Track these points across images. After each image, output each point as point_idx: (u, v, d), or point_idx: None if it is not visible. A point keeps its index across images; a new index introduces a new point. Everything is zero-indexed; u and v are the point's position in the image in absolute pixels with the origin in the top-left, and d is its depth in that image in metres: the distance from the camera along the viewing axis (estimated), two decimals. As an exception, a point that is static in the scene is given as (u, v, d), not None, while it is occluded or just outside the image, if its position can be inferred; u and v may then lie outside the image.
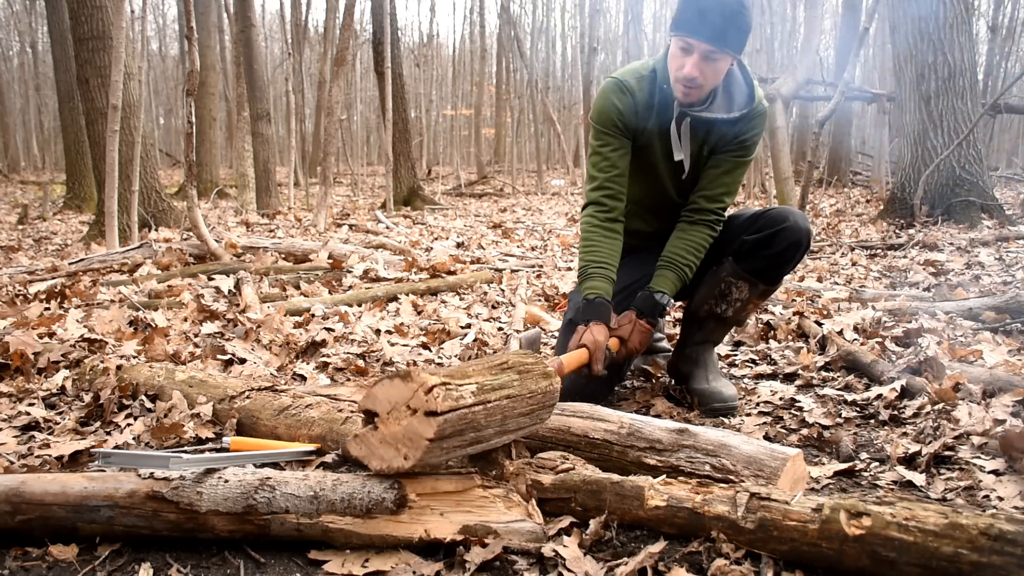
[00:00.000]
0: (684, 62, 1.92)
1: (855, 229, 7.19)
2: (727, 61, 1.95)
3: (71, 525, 1.37)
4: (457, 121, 30.77)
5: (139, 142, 6.19)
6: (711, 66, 1.92)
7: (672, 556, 1.28)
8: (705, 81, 1.95)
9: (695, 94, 1.98)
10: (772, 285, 2.18)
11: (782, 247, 2.07)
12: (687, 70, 1.92)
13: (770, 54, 14.91)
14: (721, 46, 1.89)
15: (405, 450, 1.31)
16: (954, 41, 6.83)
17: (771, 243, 2.08)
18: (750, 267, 2.13)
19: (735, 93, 2.06)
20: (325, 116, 9.23)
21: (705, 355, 2.27)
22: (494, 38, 28.86)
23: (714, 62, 1.91)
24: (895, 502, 1.17)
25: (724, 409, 2.12)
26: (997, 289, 3.79)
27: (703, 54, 1.89)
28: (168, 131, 32.21)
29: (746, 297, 2.17)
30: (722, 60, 1.93)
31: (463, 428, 1.31)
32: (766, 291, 2.19)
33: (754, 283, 2.15)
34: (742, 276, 2.14)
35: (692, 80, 1.93)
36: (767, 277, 2.14)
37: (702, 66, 1.91)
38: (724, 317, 2.22)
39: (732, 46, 1.91)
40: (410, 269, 4.79)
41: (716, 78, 1.97)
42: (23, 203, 11.31)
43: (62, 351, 2.60)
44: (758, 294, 2.18)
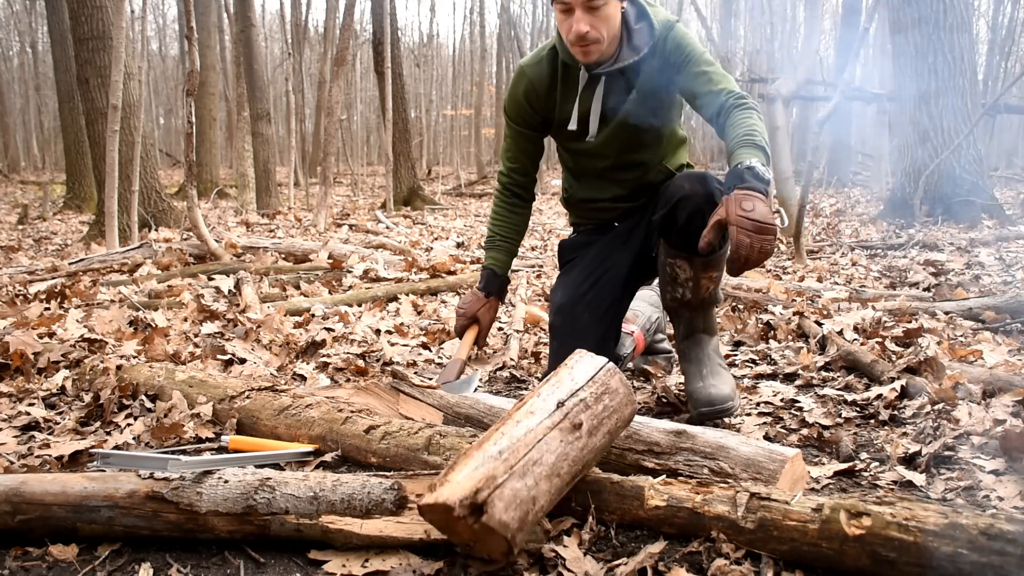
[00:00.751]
0: (570, 23, 1.86)
1: (855, 229, 7.19)
2: (614, 6, 1.87)
3: (71, 525, 1.37)
4: (457, 121, 30.78)
5: (139, 142, 6.19)
6: (597, 15, 1.84)
7: (672, 556, 1.28)
8: (599, 32, 1.87)
9: (595, 48, 1.90)
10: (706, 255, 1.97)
11: (684, 219, 1.92)
12: (576, 27, 1.84)
13: (770, 54, 14.91)
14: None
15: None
16: (954, 41, 6.83)
17: (675, 217, 1.95)
18: (675, 244, 2.00)
19: (636, 36, 1.96)
20: (325, 116, 9.23)
21: (696, 350, 2.11)
22: (494, 38, 28.86)
23: (598, 10, 1.83)
24: (895, 502, 1.17)
25: (712, 414, 1.96)
26: (997, 289, 3.79)
27: (583, 6, 1.82)
28: (168, 131, 32.21)
29: (692, 275, 2.03)
30: (607, 5, 1.84)
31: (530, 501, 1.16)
32: (706, 263, 2.01)
33: (689, 258, 2.00)
34: (675, 255, 2.02)
35: (584, 36, 1.85)
36: (692, 249, 1.96)
37: (588, 19, 1.83)
38: (687, 301, 2.07)
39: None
40: (410, 269, 4.79)
41: (610, 25, 1.88)
42: (23, 203, 11.32)
43: (62, 351, 2.60)
44: (701, 268, 2.02)
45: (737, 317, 3.31)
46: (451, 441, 1.61)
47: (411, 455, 1.63)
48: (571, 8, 1.85)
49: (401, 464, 1.65)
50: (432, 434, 1.65)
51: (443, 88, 32.52)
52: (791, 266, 5.03)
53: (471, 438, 1.61)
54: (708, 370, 2.06)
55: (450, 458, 1.58)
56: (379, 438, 1.70)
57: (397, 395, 1.97)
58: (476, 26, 29.62)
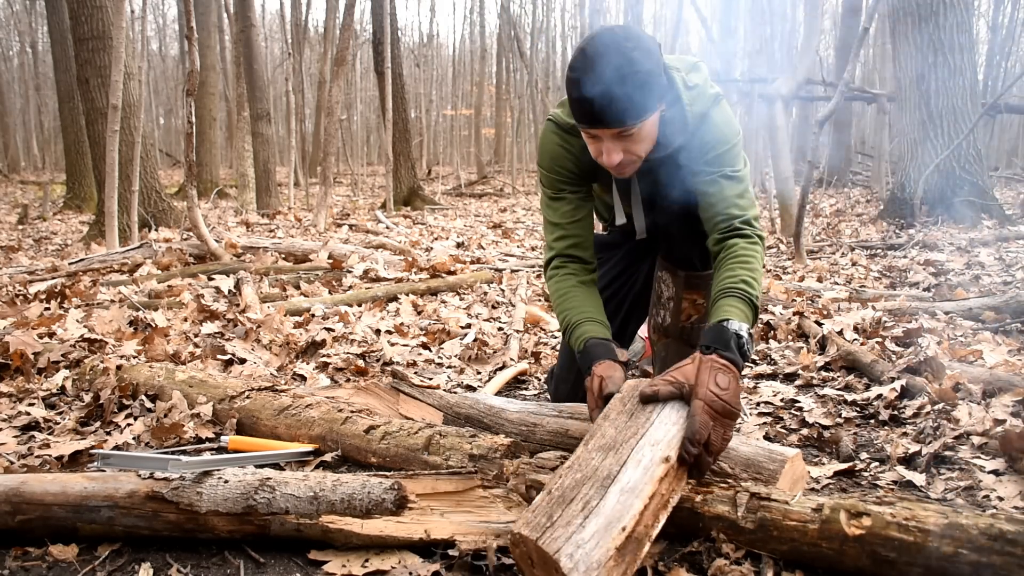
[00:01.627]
0: (600, 150, 1.60)
1: (855, 229, 7.19)
2: (653, 121, 1.58)
3: (71, 525, 1.37)
4: (457, 121, 30.78)
5: (139, 142, 6.19)
6: (632, 140, 1.57)
7: (672, 556, 1.28)
8: (635, 156, 1.61)
9: (631, 168, 1.64)
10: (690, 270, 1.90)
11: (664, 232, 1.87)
12: (608, 159, 1.59)
13: (770, 54, 14.89)
14: (625, 123, 1.52)
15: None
16: (954, 41, 6.83)
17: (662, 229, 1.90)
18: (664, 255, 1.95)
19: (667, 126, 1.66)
20: (325, 116, 9.23)
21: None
22: (494, 38, 28.86)
23: (631, 136, 1.56)
24: (895, 502, 1.17)
25: None
26: (997, 289, 3.79)
27: (613, 139, 1.56)
28: (168, 131, 32.21)
29: (674, 293, 1.94)
30: (642, 128, 1.55)
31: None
32: (689, 280, 1.90)
33: (673, 271, 1.93)
34: (663, 267, 1.97)
35: (619, 165, 1.60)
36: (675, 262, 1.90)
37: (623, 145, 1.57)
38: (666, 327, 1.97)
39: (640, 112, 1.51)
40: (410, 269, 4.79)
41: (649, 143, 1.61)
42: (23, 203, 11.32)
43: (62, 351, 2.60)
44: (683, 286, 1.91)
45: (737, 317, 3.31)
46: (451, 441, 1.61)
47: (411, 455, 1.63)
48: (599, 137, 1.58)
49: (401, 464, 1.65)
50: (432, 434, 1.65)
51: (443, 88, 32.51)
52: (791, 266, 5.03)
53: (471, 438, 1.61)
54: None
55: (450, 458, 1.58)
56: (379, 438, 1.70)
57: (397, 395, 1.97)
58: (476, 26, 29.65)
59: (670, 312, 1.96)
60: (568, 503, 1.14)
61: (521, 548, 1.12)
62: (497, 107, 27.61)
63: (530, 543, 1.08)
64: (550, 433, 1.68)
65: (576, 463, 1.23)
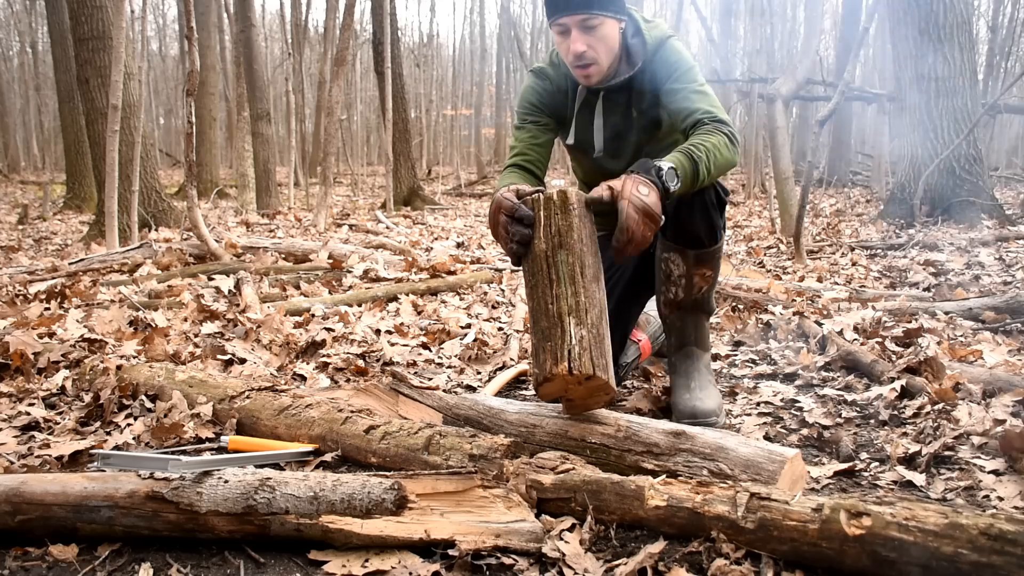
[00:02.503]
0: (567, 44, 1.85)
1: (855, 229, 7.19)
2: (611, 25, 1.86)
3: (71, 525, 1.37)
4: (457, 121, 30.78)
5: (139, 142, 6.19)
6: (594, 36, 1.84)
7: (672, 556, 1.28)
8: (597, 53, 1.87)
9: (595, 71, 1.90)
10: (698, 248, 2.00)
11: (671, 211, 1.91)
12: (573, 48, 1.84)
13: (770, 54, 14.90)
14: (590, 8, 1.80)
15: (600, 396, 1.62)
16: (954, 41, 6.83)
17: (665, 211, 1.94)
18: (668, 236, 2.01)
19: (632, 53, 1.96)
20: (325, 116, 9.23)
21: (687, 363, 2.12)
22: (494, 38, 28.88)
23: (594, 29, 1.83)
24: (895, 502, 1.17)
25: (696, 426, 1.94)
26: (997, 289, 3.79)
27: (579, 25, 1.82)
28: (168, 131, 32.20)
29: (684, 271, 2.03)
30: (604, 24, 1.84)
31: (602, 341, 1.60)
32: (699, 257, 2.01)
33: (682, 251, 2.01)
34: (669, 248, 2.03)
35: (582, 55, 1.85)
36: (683, 239, 1.98)
37: (586, 39, 1.83)
38: (680, 301, 2.08)
39: (603, 4, 1.81)
40: (410, 269, 4.79)
41: (608, 46, 1.88)
42: (23, 203, 11.31)
43: (62, 351, 2.60)
44: (693, 263, 2.01)
45: (737, 317, 3.31)
46: (451, 441, 1.61)
47: (411, 455, 1.64)
48: (567, 29, 1.84)
49: (401, 464, 1.65)
50: (432, 434, 1.65)
51: (443, 88, 32.50)
52: (791, 266, 5.04)
53: (471, 438, 1.61)
54: (696, 384, 2.06)
55: (450, 458, 1.58)
56: (379, 438, 1.70)
57: (396, 396, 1.97)
58: (476, 26, 29.66)
59: (682, 288, 2.06)
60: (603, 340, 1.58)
61: (557, 383, 1.56)
62: (497, 107, 27.62)
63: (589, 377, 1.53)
64: (549, 434, 1.68)
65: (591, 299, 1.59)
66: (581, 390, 1.58)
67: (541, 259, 1.60)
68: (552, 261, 1.59)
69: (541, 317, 1.59)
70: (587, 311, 1.56)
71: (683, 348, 2.15)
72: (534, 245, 1.61)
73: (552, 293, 1.58)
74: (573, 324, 1.55)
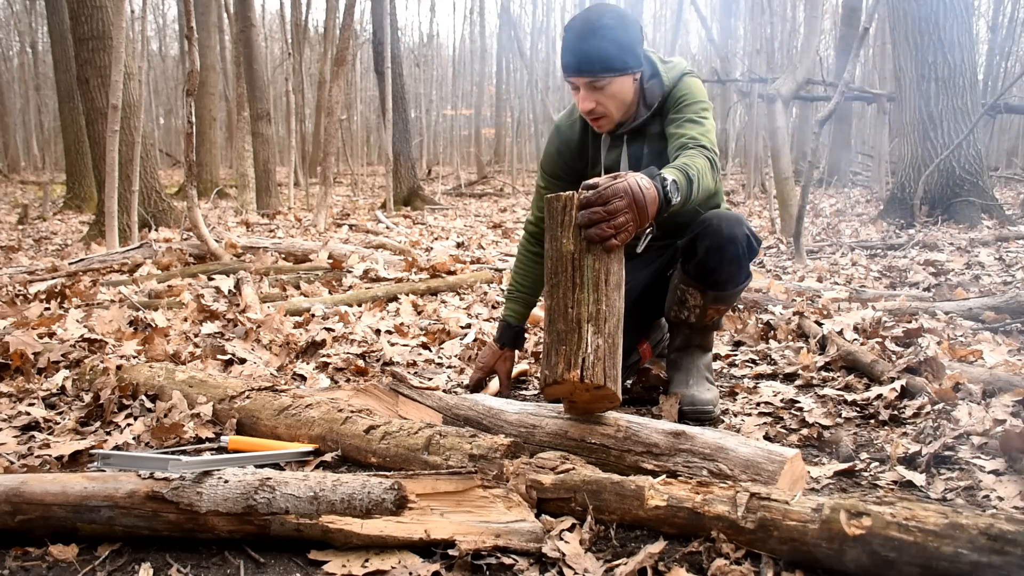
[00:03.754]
0: (579, 99, 1.94)
1: (855, 229, 7.19)
2: (620, 82, 1.91)
3: (71, 525, 1.37)
4: (457, 121, 30.78)
5: (139, 142, 6.19)
6: (603, 94, 1.91)
7: (672, 556, 1.28)
8: (607, 109, 1.94)
9: (605, 123, 1.99)
10: (718, 290, 2.03)
11: (703, 252, 1.96)
12: (582, 105, 1.93)
13: (770, 54, 14.90)
14: (596, 73, 1.87)
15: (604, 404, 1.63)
16: (954, 41, 6.83)
17: (695, 248, 1.99)
18: (689, 272, 2.04)
19: (648, 95, 2.02)
20: (325, 116, 9.23)
21: (687, 360, 2.17)
22: (494, 38, 28.88)
23: (603, 89, 1.90)
24: (895, 502, 1.17)
25: (693, 414, 2.01)
26: (997, 289, 3.79)
27: (587, 86, 1.90)
28: (168, 131, 32.19)
29: (701, 304, 2.07)
30: (611, 84, 1.90)
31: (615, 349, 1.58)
32: (717, 297, 2.05)
33: (702, 290, 2.05)
34: (689, 283, 2.06)
35: (591, 112, 1.94)
36: (706, 282, 2.02)
37: (594, 97, 1.91)
38: (690, 323, 2.14)
39: (612, 67, 1.87)
40: (410, 269, 4.79)
41: (618, 100, 1.94)
42: (23, 203, 11.32)
43: (62, 351, 2.60)
44: (711, 300, 2.06)
45: (737, 317, 3.31)
46: (451, 441, 1.61)
47: (411, 455, 1.64)
48: (578, 86, 1.92)
49: (401, 464, 1.65)
50: (432, 434, 1.65)
51: (443, 88, 32.51)
52: (791, 266, 5.04)
53: (471, 438, 1.61)
54: (695, 380, 2.13)
55: (450, 458, 1.58)
56: (379, 438, 1.70)
57: (396, 397, 1.97)
58: (476, 26, 29.65)
59: (694, 315, 2.11)
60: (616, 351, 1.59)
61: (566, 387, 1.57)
62: (497, 107, 27.61)
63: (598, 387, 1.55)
64: (549, 435, 1.68)
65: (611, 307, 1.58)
66: (587, 396, 1.59)
67: (567, 261, 1.56)
68: (578, 264, 1.55)
69: (559, 319, 1.57)
70: (606, 320, 1.55)
71: (686, 348, 2.19)
72: (561, 245, 1.56)
73: (574, 298, 1.55)
74: (591, 332, 1.53)
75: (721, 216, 1.96)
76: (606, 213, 1.49)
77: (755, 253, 2.02)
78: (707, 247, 1.95)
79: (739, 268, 1.99)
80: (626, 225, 1.51)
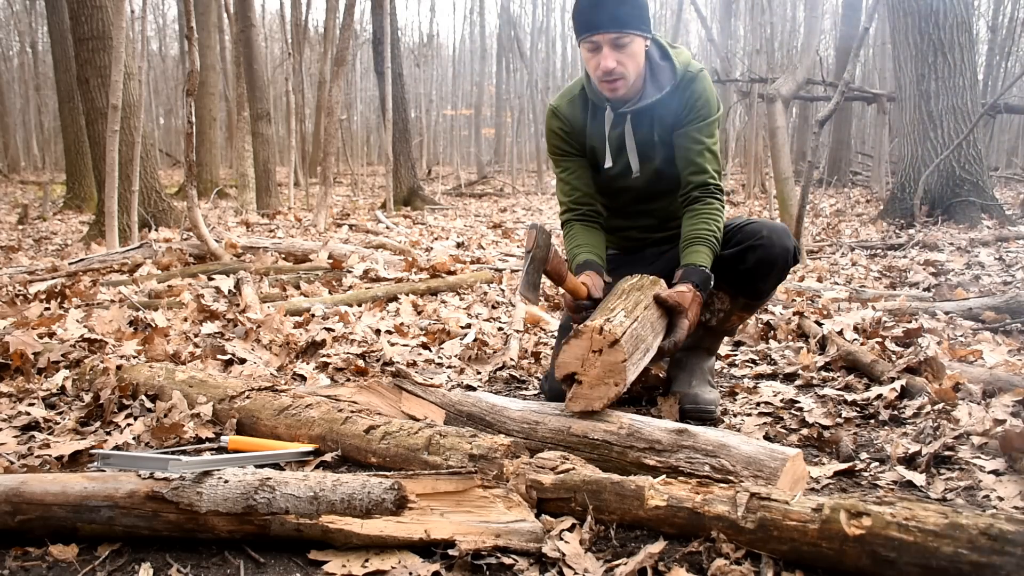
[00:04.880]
0: (598, 60, 1.92)
1: (855, 229, 7.19)
2: (639, 43, 1.93)
3: (71, 525, 1.37)
4: (457, 121, 30.78)
5: (139, 142, 6.19)
6: (624, 52, 1.91)
7: (672, 556, 1.28)
8: (626, 69, 1.93)
9: (622, 85, 1.96)
10: (753, 299, 2.11)
11: (752, 263, 2.00)
12: (604, 65, 1.90)
13: (770, 54, 14.89)
14: (623, 27, 1.88)
15: (611, 380, 1.64)
16: (954, 41, 6.83)
17: (744, 258, 2.01)
18: (727, 280, 2.06)
19: (659, 75, 2.03)
20: (325, 116, 9.23)
21: (692, 361, 2.19)
22: (494, 38, 28.87)
23: (625, 47, 1.90)
24: (895, 502, 1.17)
25: (695, 412, 2.03)
26: (997, 289, 3.79)
27: (611, 43, 1.89)
28: (168, 131, 32.18)
29: (728, 308, 2.12)
30: (633, 43, 1.91)
31: (636, 342, 1.68)
32: (748, 304, 2.12)
33: (734, 296, 2.09)
34: (721, 288, 2.08)
35: (611, 72, 1.92)
36: (745, 291, 2.08)
37: (616, 55, 1.90)
38: (709, 326, 2.16)
39: (634, 24, 1.89)
40: (410, 269, 4.78)
41: (636, 62, 1.95)
42: (23, 203, 11.31)
43: (62, 351, 2.60)
44: (740, 307, 2.12)
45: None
46: (451, 441, 1.61)
47: (411, 455, 1.64)
48: (599, 46, 1.90)
49: (401, 464, 1.65)
50: (432, 434, 1.65)
51: (443, 88, 32.51)
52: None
53: (471, 438, 1.61)
54: (697, 380, 2.14)
55: (450, 458, 1.58)
56: (379, 438, 1.70)
57: (400, 393, 1.97)
58: (476, 26, 29.65)
59: (717, 319, 2.15)
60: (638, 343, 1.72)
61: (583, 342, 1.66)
62: (497, 107, 27.60)
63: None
64: (552, 431, 1.68)
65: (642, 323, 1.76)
66: (598, 364, 1.65)
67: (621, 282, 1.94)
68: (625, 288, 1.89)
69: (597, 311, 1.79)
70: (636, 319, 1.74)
71: (691, 349, 2.21)
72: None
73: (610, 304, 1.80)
74: (622, 313, 1.72)
75: (772, 228, 2.01)
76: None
77: (792, 264, 2.06)
78: (759, 258, 1.99)
79: (780, 280, 2.08)
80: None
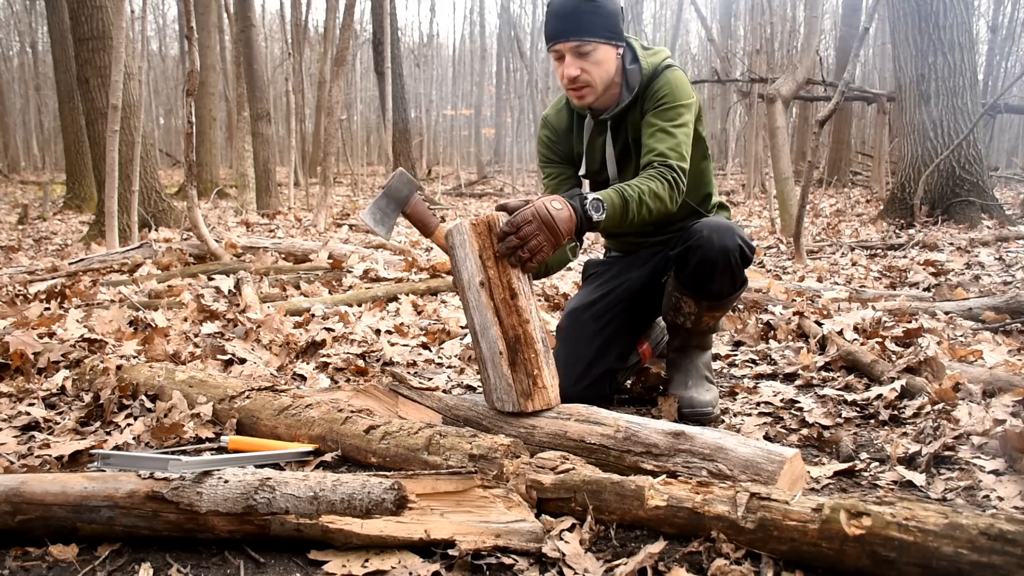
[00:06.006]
0: (563, 69, 1.92)
1: (855, 229, 7.19)
2: (605, 51, 1.91)
3: (71, 525, 1.37)
4: (457, 121, 30.79)
5: (139, 142, 6.19)
6: (588, 61, 1.89)
7: (672, 556, 1.28)
8: (591, 76, 1.92)
9: (588, 92, 1.95)
10: (714, 300, 2.03)
11: (694, 264, 1.96)
12: (567, 72, 1.90)
13: (770, 54, 14.90)
14: (584, 35, 1.86)
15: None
16: (954, 41, 6.83)
17: (687, 259, 1.98)
18: (683, 282, 2.03)
19: (630, 79, 2.02)
20: (325, 116, 9.23)
21: (686, 361, 2.17)
22: (494, 38, 28.88)
23: (587, 55, 1.89)
24: (895, 502, 1.17)
25: (692, 416, 2.02)
26: (997, 289, 3.79)
27: (572, 51, 1.88)
28: (168, 131, 32.18)
29: (696, 311, 2.07)
30: (596, 51, 1.89)
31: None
32: (712, 306, 2.05)
33: (696, 299, 2.04)
34: (682, 291, 2.05)
35: (575, 80, 1.91)
36: (700, 293, 2.02)
37: (579, 63, 1.89)
38: (687, 328, 2.13)
39: (597, 32, 1.87)
40: (410, 269, 4.79)
41: (603, 70, 1.93)
42: (23, 203, 11.31)
43: (62, 351, 2.60)
44: (706, 308, 2.06)
45: (737, 317, 3.31)
46: (451, 441, 1.61)
47: (411, 455, 1.64)
48: (562, 54, 1.90)
49: (401, 464, 1.65)
50: (432, 434, 1.65)
51: (443, 88, 32.52)
52: (791, 266, 5.03)
53: (471, 438, 1.61)
54: (694, 380, 2.13)
55: (450, 458, 1.58)
56: (379, 438, 1.70)
57: (396, 397, 1.97)
58: (476, 26, 29.64)
59: (690, 321, 2.11)
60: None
61: None
62: (497, 107, 27.61)
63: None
64: (549, 435, 1.68)
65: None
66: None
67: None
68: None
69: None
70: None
71: (684, 349, 2.20)
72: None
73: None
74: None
75: (712, 226, 1.95)
76: (519, 239, 1.61)
77: (749, 261, 2.01)
78: (699, 259, 1.94)
79: (732, 279, 1.99)
80: (540, 247, 1.63)
